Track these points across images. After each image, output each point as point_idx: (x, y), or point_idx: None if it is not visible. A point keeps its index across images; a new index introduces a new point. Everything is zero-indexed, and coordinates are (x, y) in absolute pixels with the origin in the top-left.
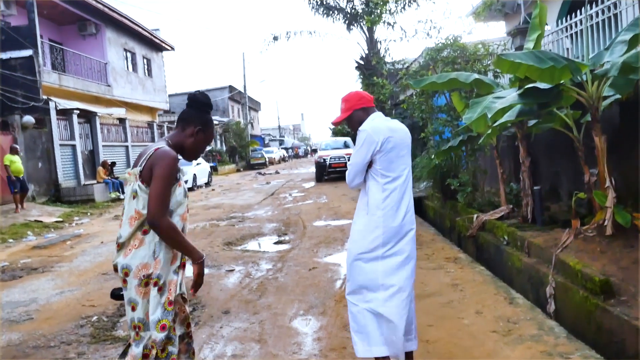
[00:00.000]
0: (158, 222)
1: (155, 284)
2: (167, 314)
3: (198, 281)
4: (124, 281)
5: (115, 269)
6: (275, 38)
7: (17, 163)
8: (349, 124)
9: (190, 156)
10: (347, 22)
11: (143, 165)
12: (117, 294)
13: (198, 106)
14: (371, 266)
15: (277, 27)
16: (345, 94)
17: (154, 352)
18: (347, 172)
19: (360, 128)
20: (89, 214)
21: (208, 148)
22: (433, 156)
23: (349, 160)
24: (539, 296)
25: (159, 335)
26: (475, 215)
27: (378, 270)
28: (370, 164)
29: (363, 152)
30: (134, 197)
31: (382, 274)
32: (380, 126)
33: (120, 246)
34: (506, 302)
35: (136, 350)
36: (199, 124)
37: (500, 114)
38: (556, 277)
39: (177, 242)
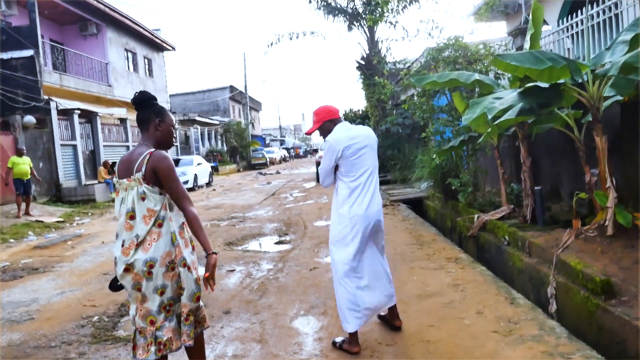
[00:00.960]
0: (190, 212)
1: (184, 265)
2: (199, 288)
3: (212, 272)
4: (149, 273)
5: (127, 269)
6: (278, 39)
7: (21, 165)
8: (320, 133)
9: (167, 146)
10: (348, 22)
11: (144, 168)
12: (115, 286)
13: (144, 105)
14: (343, 251)
15: (278, 26)
16: (316, 108)
17: (191, 318)
18: (319, 175)
19: (326, 139)
20: (89, 214)
21: (209, 148)
22: (434, 156)
23: None
24: (540, 296)
25: (195, 305)
26: (476, 216)
27: (349, 253)
28: (337, 167)
29: (327, 160)
30: (143, 199)
31: (350, 257)
32: (340, 137)
33: (139, 244)
34: (507, 303)
35: (171, 324)
36: (154, 117)
37: (500, 114)
38: (557, 277)
39: (198, 230)
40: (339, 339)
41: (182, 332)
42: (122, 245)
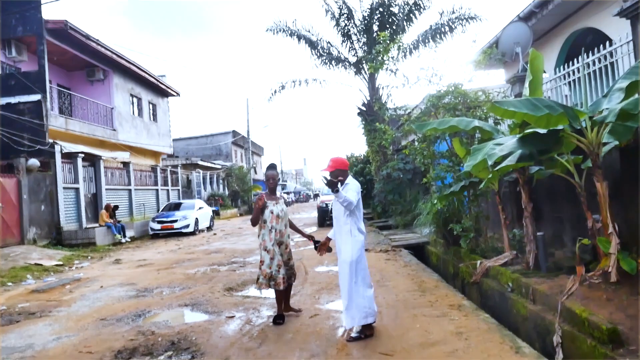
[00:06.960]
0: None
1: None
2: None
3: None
4: (288, 246)
5: (280, 243)
6: (282, 87)
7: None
8: (331, 175)
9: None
10: (348, 69)
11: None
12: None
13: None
14: (365, 266)
15: (280, 72)
16: (337, 157)
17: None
18: (349, 202)
19: (348, 181)
20: (89, 257)
21: (211, 192)
22: (435, 201)
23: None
24: (545, 345)
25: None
26: (478, 262)
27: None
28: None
29: (357, 195)
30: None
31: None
32: (357, 183)
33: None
34: (512, 352)
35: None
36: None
37: (500, 160)
38: (562, 325)
39: (297, 227)
40: (354, 334)
41: (291, 275)
42: (278, 231)
